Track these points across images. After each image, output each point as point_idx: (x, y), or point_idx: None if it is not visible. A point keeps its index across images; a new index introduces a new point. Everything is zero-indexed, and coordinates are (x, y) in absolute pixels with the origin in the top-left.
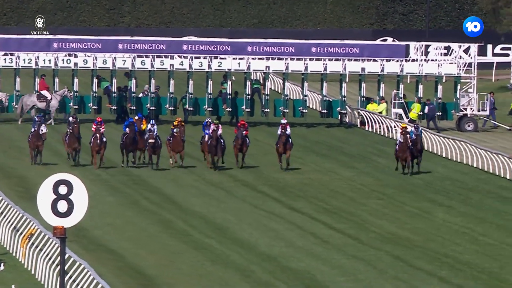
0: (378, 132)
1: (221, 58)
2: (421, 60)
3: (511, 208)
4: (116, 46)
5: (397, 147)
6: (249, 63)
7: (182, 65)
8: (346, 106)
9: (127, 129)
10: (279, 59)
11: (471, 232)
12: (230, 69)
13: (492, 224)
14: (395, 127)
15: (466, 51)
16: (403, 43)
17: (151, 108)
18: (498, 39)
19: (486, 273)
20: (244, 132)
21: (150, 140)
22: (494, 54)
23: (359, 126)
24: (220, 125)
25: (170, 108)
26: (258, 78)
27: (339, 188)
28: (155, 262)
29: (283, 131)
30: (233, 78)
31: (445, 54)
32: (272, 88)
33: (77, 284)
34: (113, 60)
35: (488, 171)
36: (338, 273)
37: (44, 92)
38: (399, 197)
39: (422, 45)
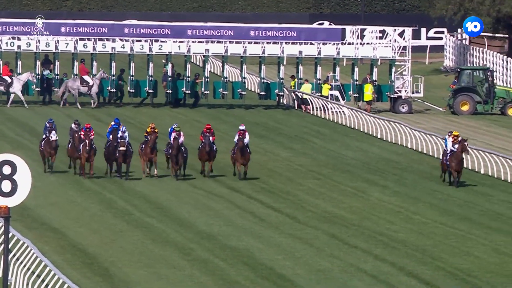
0: (315, 114)
1: (161, 42)
2: (357, 43)
3: (444, 188)
4: (59, 29)
5: (448, 157)
6: (189, 46)
7: (123, 48)
8: (284, 88)
9: (111, 136)
10: (218, 42)
11: (405, 211)
12: (171, 52)
13: (425, 203)
14: (331, 108)
15: (401, 34)
16: (339, 27)
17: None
18: (432, 23)
19: (420, 251)
20: (211, 138)
21: (121, 148)
22: (428, 38)
23: (296, 107)
24: (181, 133)
25: (112, 90)
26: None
27: (277, 168)
28: (97, 240)
29: (240, 137)
30: (170, 64)
31: (380, 38)
32: (212, 71)
33: (21, 262)
34: (56, 43)
35: (422, 152)
36: (276, 251)
37: (86, 77)
38: (335, 177)
39: (358, 29)
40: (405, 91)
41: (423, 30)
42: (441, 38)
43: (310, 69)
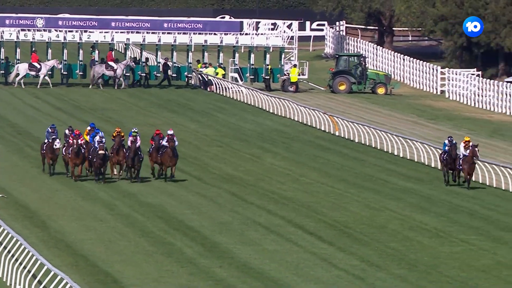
0: (218, 93)
1: (90, 32)
2: (253, 34)
3: (325, 154)
4: (3, 22)
5: (461, 161)
6: (113, 36)
7: (58, 37)
8: (192, 71)
9: (93, 140)
10: (137, 32)
11: (293, 173)
12: (97, 41)
13: (309, 167)
14: (231, 88)
15: (289, 26)
16: (238, 20)
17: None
18: (315, 17)
19: (305, 206)
20: (161, 142)
21: (100, 152)
22: (312, 29)
23: (202, 87)
24: (138, 137)
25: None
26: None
27: (186, 138)
28: (37, 198)
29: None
30: (97, 51)
31: (272, 29)
32: (132, 57)
33: None
34: (1, 33)
35: (307, 124)
36: (185, 207)
37: (111, 63)
38: (235, 145)
39: (254, 22)
40: None
41: (308, 23)
42: (322, 30)
43: (214, 55)
